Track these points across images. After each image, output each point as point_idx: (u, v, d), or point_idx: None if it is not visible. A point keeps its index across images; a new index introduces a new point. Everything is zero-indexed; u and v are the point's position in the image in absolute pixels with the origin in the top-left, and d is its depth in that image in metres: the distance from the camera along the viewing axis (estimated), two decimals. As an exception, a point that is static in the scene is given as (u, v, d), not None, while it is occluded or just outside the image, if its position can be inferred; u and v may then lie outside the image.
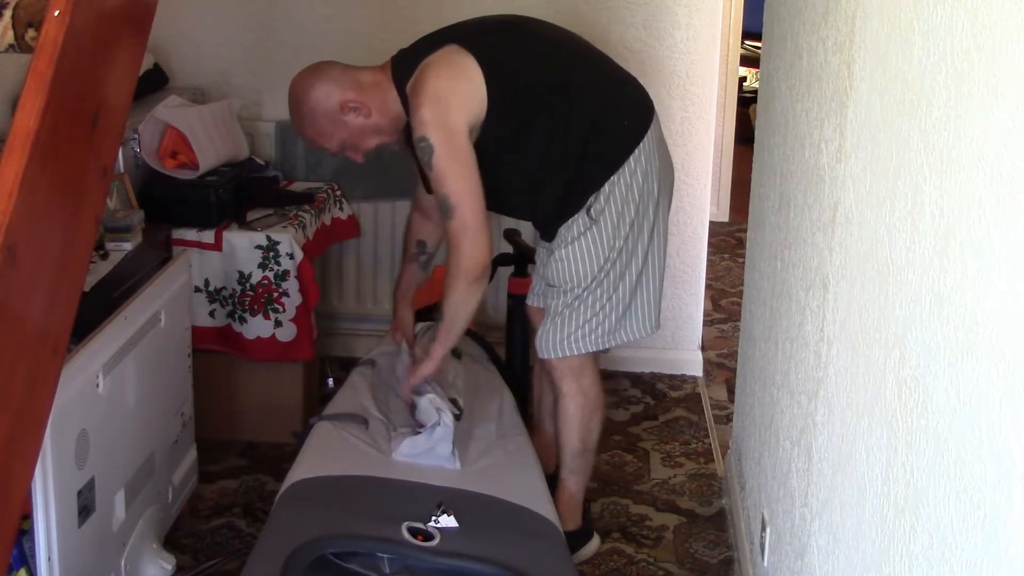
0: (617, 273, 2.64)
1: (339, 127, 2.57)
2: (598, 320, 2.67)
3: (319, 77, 2.58)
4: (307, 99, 2.56)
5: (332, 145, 2.61)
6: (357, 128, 2.57)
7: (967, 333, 1.14)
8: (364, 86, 2.57)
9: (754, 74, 6.99)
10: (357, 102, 2.55)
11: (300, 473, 2.41)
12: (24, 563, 2.15)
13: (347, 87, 2.55)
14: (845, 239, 1.74)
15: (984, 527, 1.07)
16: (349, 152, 2.64)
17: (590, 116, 2.59)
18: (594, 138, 2.58)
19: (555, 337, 2.69)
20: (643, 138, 2.61)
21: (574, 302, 2.66)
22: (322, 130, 2.58)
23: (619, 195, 2.59)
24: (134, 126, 3.23)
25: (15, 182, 1.73)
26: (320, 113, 2.55)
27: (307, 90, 2.56)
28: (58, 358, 1.98)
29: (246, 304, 3.29)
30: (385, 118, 2.58)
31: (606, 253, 2.62)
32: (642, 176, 2.60)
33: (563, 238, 2.63)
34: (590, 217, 2.60)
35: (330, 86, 2.55)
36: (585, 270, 2.63)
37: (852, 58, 1.74)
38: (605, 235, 2.60)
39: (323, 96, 2.54)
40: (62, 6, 1.84)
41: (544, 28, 2.74)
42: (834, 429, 1.75)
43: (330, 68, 2.61)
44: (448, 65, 2.51)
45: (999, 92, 1.07)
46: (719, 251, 5.32)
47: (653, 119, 2.67)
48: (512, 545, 2.23)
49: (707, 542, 2.97)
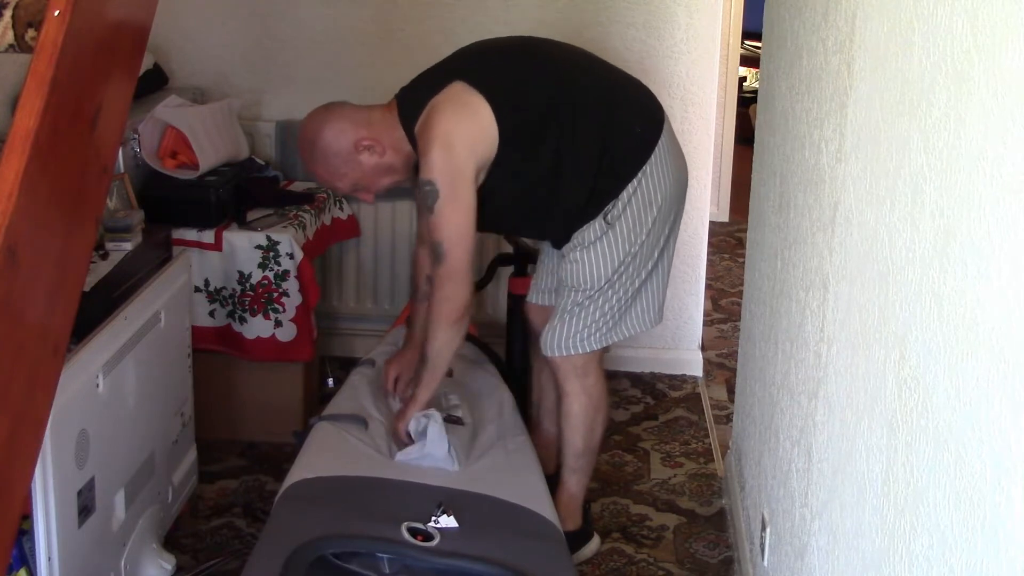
0: (631, 273, 2.63)
1: (353, 166, 2.53)
2: (605, 319, 2.67)
3: (331, 116, 2.54)
4: (320, 138, 2.51)
5: (344, 185, 2.56)
6: (371, 167, 2.54)
7: (967, 333, 1.14)
8: (376, 124, 2.53)
9: (754, 74, 6.99)
10: (372, 140, 2.51)
11: (300, 473, 2.41)
12: (24, 563, 2.15)
13: (360, 125, 2.52)
14: (845, 239, 1.74)
15: (984, 527, 1.07)
16: (361, 193, 2.60)
17: (600, 129, 2.56)
18: (607, 150, 2.56)
19: (562, 335, 2.67)
20: (657, 142, 2.60)
21: (584, 301, 2.65)
22: (335, 170, 2.54)
23: (638, 201, 2.58)
24: (134, 126, 3.23)
25: (15, 182, 1.73)
26: (333, 152, 2.51)
27: (319, 129, 2.52)
28: (58, 358, 1.98)
29: (246, 304, 3.29)
30: (398, 157, 2.54)
31: (621, 257, 2.60)
32: (659, 179, 2.59)
33: (578, 242, 2.61)
34: (606, 222, 2.58)
35: (343, 124, 2.52)
36: (600, 272, 2.61)
37: (852, 58, 1.74)
38: (622, 239, 2.59)
39: (337, 134, 2.50)
40: (62, 6, 1.84)
41: (546, 47, 2.71)
42: (834, 429, 1.75)
43: (341, 107, 2.57)
44: (456, 105, 2.47)
45: (999, 92, 1.07)
46: (719, 251, 5.32)
47: (665, 122, 2.66)
48: (512, 545, 2.23)
49: (707, 542, 2.97)
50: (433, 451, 2.47)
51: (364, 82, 3.75)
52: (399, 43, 3.77)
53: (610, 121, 2.59)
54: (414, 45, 3.72)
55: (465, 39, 2.79)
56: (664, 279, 2.74)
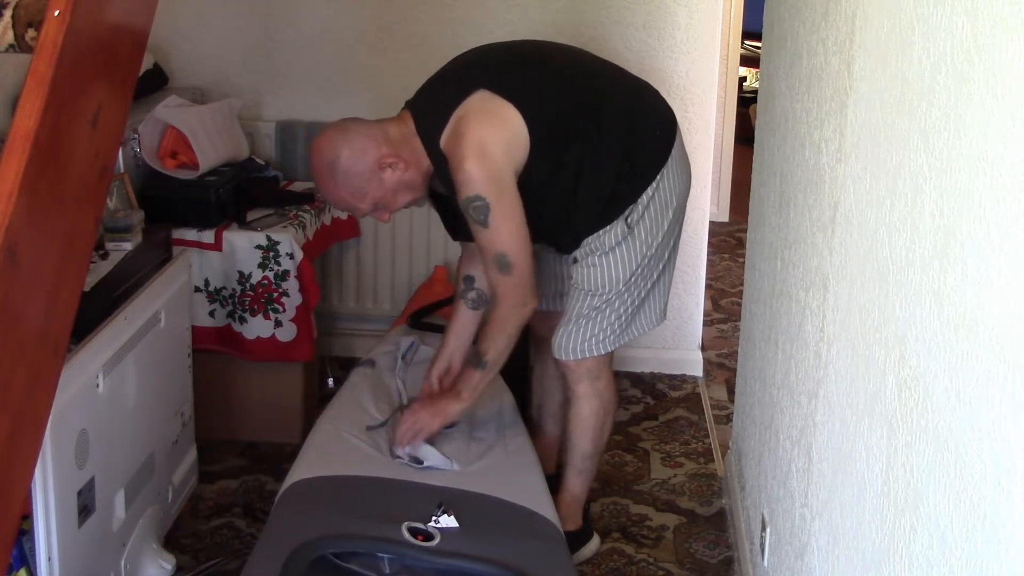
0: (645, 276, 2.63)
1: (375, 185, 2.44)
2: (620, 322, 2.66)
3: (349, 135, 2.44)
4: (340, 159, 2.41)
5: (365, 206, 2.47)
6: (392, 185, 2.45)
7: (967, 333, 1.14)
8: (394, 140, 2.45)
9: (754, 74, 6.99)
10: (393, 157, 2.43)
11: (300, 473, 2.41)
12: (24, 563, 2.15)
13: (380, 142, 2.42)
14: (845, 239, 1.74)
15: (984, 527, 1.07)
16: (379, 212, 2.51)
17: (622, 133, 2.54)
18: (629, 153, 2.54)
19: (577, 339, 2.65)
20: (673, 145, 2.60)
21: (602, 305, 2.62)
22: (357, 190, 2.44)
23: (656, 204, 2.57)
24: (134, 126, 3.23)
25: (15, 182, 1.73)
26: (355, 173, 2.41)
27: (338, 150, 2.41)
28: (58, 358, 1.98)
29: (246, 304, 3.29)
30: (418, 172, 2.47)
31: (639, 260, 2.59)
32: (674, 182, 2.59)
33: (597, 246, 2.58)
34: (627, 226, 2.56)
35: (363, 142, 2.42)
36: (619, 276, 2.59)
37: (852, 58, 1.74)
38: (640, 242, 2.58)
39: (358, 154, 2.41)
40: (62, 6, 1.84)
41: (556, 51, 2.69)
42: (834, 429, 1.75)
43: (356, 125, 2.47)
44: (487, 115, 2.41)
45: (999, 92, 1.07)
46: (719, 251, 5.32)
47: (677, 125, 2.66)
48: (512, 545, 2.23)
49: (707, 542, 2.97)
50: (429, 459, 2.49)
51: (364, 82, 3.76)
52: (399, 43, 3.77)
53: (633, 125, 2.57)
54: (414, 45, 3.72)
55: (465, 39, 2.79)
56: (670, 279, 2.74)
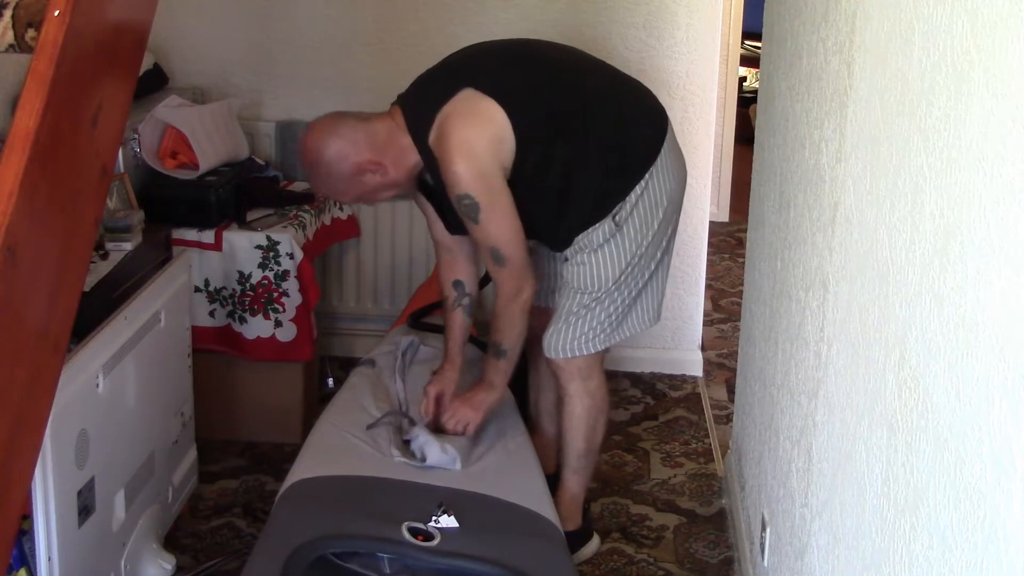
0: (636, 275, 2.63)
1: (355, 186, 2.53)
2: (610, 321, 2.66)
3: (332, 136, 2.49)
4: (322, 160, 2.49)
5: (347, 200, 2.64)
6: (373, 186, 2.54)
7: (967, 333, 1.14)
8: (379, 142, 2.49)
9: (754, 74, 6.99)
10: (373, 164, 2.49)
11: (300, 473, 2.41)
12: (24, 563, 2.15)
13: (362, 147, 2.48)
14: (845, 239, 1.74)
15: (984, 527, 1.07)
16: (363, 202, 2.68)
17: (609, 131, 2.55)
18: (617, 150, 2.56)
19: (567, 337, 2.66)
20: (663, 143, 2.61)
21: (591, 303, 2.63)
22: (337, 188, 2.58)
23: (644, 202, 2.57)
24: (134, 126, 3.23)
25: (15, 182, 1.73)
26: (336, 175, 2.50)
27: (322, 151, 2.49)
28: (58, 358, 1.98)
29: (246, 304, 3.29)
30: (401, 171, 2.53)
31: (628, 258, 2.60)
32: (664, 180, 2.59)
33: (585, 244, 2.59)
34: (615, 224, 2.57)
35: (344, 146, 2.48)
36: (607, 274, 2.60)
37: (852, 58, 1.74)
38: (629, 241, 2.58)
39: (338, 158, 2.48)
40: (62, 6, 1.85)
41: (547, 49, 2.70)
42: (834, 429, 1.75)
43: (342, 124, 2.52)
44: (471, 114, 2.45)
45: (999, 92, 1.07)
46: (719, 251, 5.32)
47: (668, 122, 2.66)
48: (512, 545, 2.23)
49: (707, 542, 2.97)
50: (431, 456, 2.49)
51: (364, 82, 3.76)
52: (399, 43, 3.77)
53: (620, 122, 2.59)
54: (414, 45, 3.72)
55: (464, 39, 2.78)
56: (664, 279, 2.74)
